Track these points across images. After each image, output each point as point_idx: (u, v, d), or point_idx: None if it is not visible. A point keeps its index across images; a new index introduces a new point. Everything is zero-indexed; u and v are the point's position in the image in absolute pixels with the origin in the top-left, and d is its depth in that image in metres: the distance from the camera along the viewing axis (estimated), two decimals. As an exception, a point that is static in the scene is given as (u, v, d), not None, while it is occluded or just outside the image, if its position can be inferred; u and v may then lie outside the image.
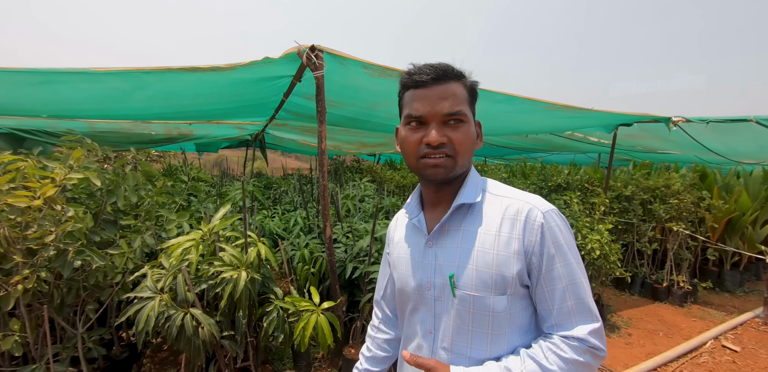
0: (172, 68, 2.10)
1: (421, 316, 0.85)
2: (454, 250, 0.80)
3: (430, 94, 0.76)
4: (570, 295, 0.73)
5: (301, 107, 3.58)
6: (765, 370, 2.90)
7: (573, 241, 0.77)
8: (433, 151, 0.76)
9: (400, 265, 0.91)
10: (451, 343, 0.79)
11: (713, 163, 7.00)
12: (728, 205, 4.42)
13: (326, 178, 2.22)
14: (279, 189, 5.40)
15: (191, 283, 1.67)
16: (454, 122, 0.76)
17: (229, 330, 1.81)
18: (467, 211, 0.82)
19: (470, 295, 0.76)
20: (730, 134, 4.28)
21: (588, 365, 0.71)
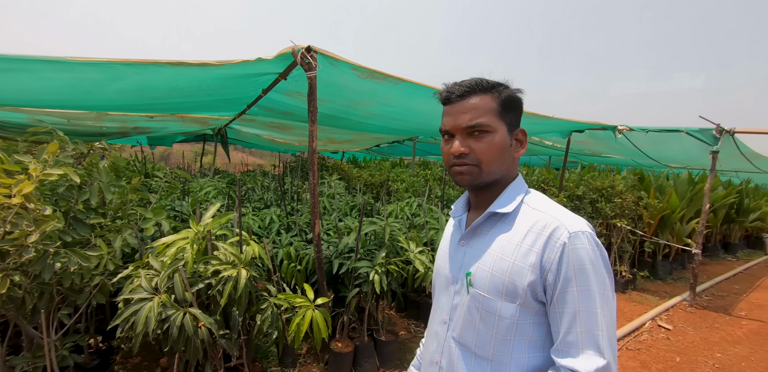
0: (158, 61, 2.01)
1: (442, 305, 0.92)
2: (479, 251, 0.85)
3: (454, 109, 0.82)
4: (581, 323, 0.71)
5: (277, 103, 3.53)
6: (692, 343, 3.38)
7: (602, 269, 0.74)
8: (457, 161, 0.81)
9: (439, 257, 1.00)
10: (460, 335, 0.85)
11: (647, 166, 7.83)
12: (662, 204, 5.01)
13: (317, 178, 2.25)
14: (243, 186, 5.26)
15: (188, 283, 1.65)
16: (477, 133, 0.80)
17: (224, 329, 1.80)
18: (500, 219, 0.85)
19: (481, 294, 0.80)
20: (664, 142, 4.85)
21: None
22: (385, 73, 2.48)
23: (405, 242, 2.51)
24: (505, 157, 0.83)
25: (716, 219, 6.75)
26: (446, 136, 0.85)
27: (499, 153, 0.81)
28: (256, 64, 2.35)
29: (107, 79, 2.32)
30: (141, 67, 2.13)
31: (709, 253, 7.19)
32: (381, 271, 2.28)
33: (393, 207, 3.58)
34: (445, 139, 0.85)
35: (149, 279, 1.64)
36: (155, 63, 2.05)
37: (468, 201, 0.96)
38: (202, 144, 9.09)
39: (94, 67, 2.08)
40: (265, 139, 7.67)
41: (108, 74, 2.26)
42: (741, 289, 5.27)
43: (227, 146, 7.54)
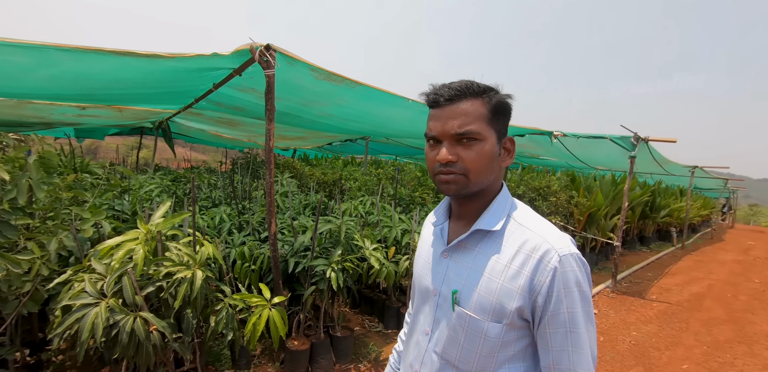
0: (101, 49, 1.88)
1: (425, 315, 0.90)
2: (465, 268, 0.81)
3: (443, 113, 0.76)
4: (571, 343, 0.72)
5: (229, 98, 3.42)
6: (613, 324, 3.83)
7: (586, 289, 0.74)
8: (444, 169, 0.76)
9: (418, 264, 0.96)
10: (443, 350, 0.83)
11: (578, 168, 8.60)
12: (589, 202, 5.56)
13: (273, 176, 2.25)
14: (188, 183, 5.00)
15: (137, 286, 1.58)
16: (466, 141, 0.75)
17: (177, 332, 1.75)
18: (486, 235, 0.81)
19: (467, 314, 0.78)
20: (592, 147, 5.39)
21: None
22: (342, 75, 2.53)
23: (360, 240, 2.58)
24: (494, 166, 0.79)
25: (634, 215, 7.63)
26: (432, 141, 0.79)
27: (488, 162, 0.77)
28: (211, 59, 2.28)
29: (36, 64, 2.12)
30: (80, 54, 1.97)
31: (628, 246, 8.10)
32: (338, 269, 2.33)
33: (347, 205, 3.64)
34: (430, 144, 0.80)
35: (94, 283, 1.56)
36: (98, 51, 1.91)
37: (448, 208, 0.93)
38: (138, 137, 8.45)
39: (22, 50, 1.90)
40: (210, 134, 7.31)
41: (38, 59, 2.06)
42: (653, 276, 6.03)
43: (171, 141, 7.08)
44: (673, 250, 8.69)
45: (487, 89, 0.77)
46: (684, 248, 9.10)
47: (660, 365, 3.09)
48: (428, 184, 5.50)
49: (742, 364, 3.23)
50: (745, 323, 4.22)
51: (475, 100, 0.76)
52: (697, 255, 8.45)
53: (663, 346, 3.44)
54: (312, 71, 2.45)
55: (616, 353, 3.24)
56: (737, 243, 11.27)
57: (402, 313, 3.15)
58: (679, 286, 5.54)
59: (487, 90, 0.77)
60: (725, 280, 6.21)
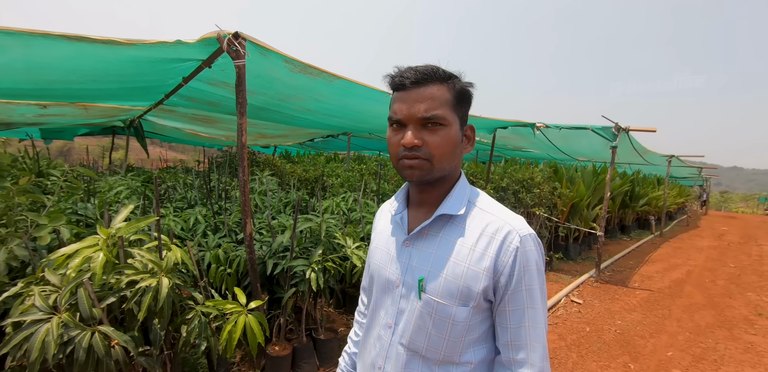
0: (49, 33, 1.70)
1: (386, 308, 0.88)
2: (429, 255, 0.81)
3: (409, 96, 0.75)
4: (528, 319, 0.76)
5: (201, 93, 3.25)
6: (598, 314, 3.86)
7: (542, 267, 0.78)
8: (408, 153, 0.75)
9: (376, 256, 0.94)
10: (409, 340, 0.82)
11: (560, 160, 8.68)
12: (572, 193, 5.60)
13: (247, 173, 2.12)
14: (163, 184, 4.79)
15: (95, 297, 1.45)
16: (432, 125, 0.75)
17: (143, 345, 1.62)
18: (449, 220, 0.82)
19: (435, 300, 0.78)
20: (574, 138, 5.41)
21: None
22: (319, 68, 2.40)
23: (342, 238, 2.48)
24: (456, 153, 0.79)
25: (614, 205, 7.75)
26: (396, 125, 0.78)
27: (452, 148, 0.77)
28: (175, 48, 2.12)
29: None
30: (28, 38, 1.78)
31: (609, 235, 8.24)
32: (318, 269, 2.23)
33: (329, 203, 3.52)
34: (393, 128, 0.78)
35: (45, 297, 1.41)
36: (46, 35, 1.73)
37: (406, 196, 0.92)
38: (111, 138, 8.09)
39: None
40: (187, 132, 7.05)
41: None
42: (634, 264, 6.14)
43: (144, 140, 6.79)
44: (653, 238, 8.90)
45: (451, 75, 0.78)
46: (662, 235, 9.34)
47: (645, 353, 3.11)
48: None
49: (723, 348, 3.29)
50: (724, 308, 4.32)
51: (441, 85, 0.76)
52: (675, 242, 8.68)
53: (647, 334, 3.48)
54: (286, 63, 2.32)
55: (603, 343, 3.25)
56: (711, 229, 11.67)
57: (388, 311, 3.07)
58: (660, 273, 5.65)
59: (451, 76, 0.77)
60: (703, 265, 6.39)
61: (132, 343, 1.44)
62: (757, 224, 13.90)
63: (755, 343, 3.42)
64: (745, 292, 4.97)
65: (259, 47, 2.04)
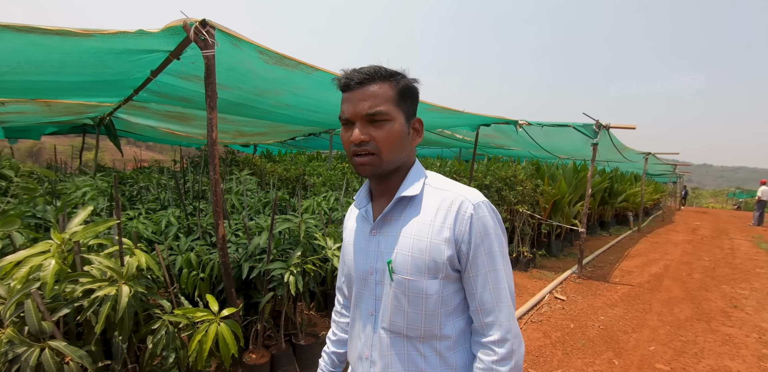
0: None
1: (365, 299, 0.91)
2: (394, 238, 0.85)
3: (354, 96, 0.80)
4: (491, 281, 0.81)
5: (172, 88, 3.08)
6: (582, 310, 3.87)
7: (500, 232, 0.83)
8: (358, 149, 0.80)
9: (348, 253, 0.96)
10: (390, 323, 0.85)
11: (542, 158, 8.77)
12: (554, 190, 5.63)
13: (218, 170, 1.99)
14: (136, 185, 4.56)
15: (46, 310, 1.31)
16: (377, 121, 0.79)
17: (104, 359, 1.49)
18: (408, 203, 0.87)
19: (406, 279, 0.82)
20: (555, 136, 5.44)
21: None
22: (296, 59, 2.29)
23: (322, 239, 2.38)
24: (404, 144, 0.84)
25: (594, 202, 7.88)
26: (346, 123, 0.83)
27: (398, 141, 0.82)
28: (139, 39, 1.97)
29: None
30: None
31: (590, 231, 8.38)
32: (297, 272, 2.12)
33: (309, 202, 3.41)
34: (345, 127, 0.84)
35: (-14, 309, 1.27)
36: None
37: (369, 191, 0.96)
38: (81, 137, 7.73)
39: None
40: (162, 131, 6.78)
41: None
42: (614, 260, 6.24)
43: (117, 139, 6.48)
44: (631, 233, 9.10)
45: (394, 73, 0.82)
46: (640, 231, 9.57)
47: (629, 349, 3.13)
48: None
49: (703, 341, 3.34)
50: (702, 301, 4.42)
51: (383, 84, 0.80)
52: (652, 237, 8.90)
53: (630, 329, 3.50)
54: (261, 54, 2.19)
55: (587, 340, 3.25)
56: (685, 224, 12.04)
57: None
58: (639, 268, 5.76)
59: (394, 74, 0.82)
60: (679, 259, 6.55)
61: (88, 359, 1.30)
62: (727, 219, 14.44)
63: (732, 335, 3.49)
64: (720, 285, 5.10)
65: (231, 37, 1.92)
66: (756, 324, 3.79)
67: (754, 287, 5.09)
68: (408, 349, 0.85)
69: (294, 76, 2.53)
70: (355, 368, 0.96)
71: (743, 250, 7.81)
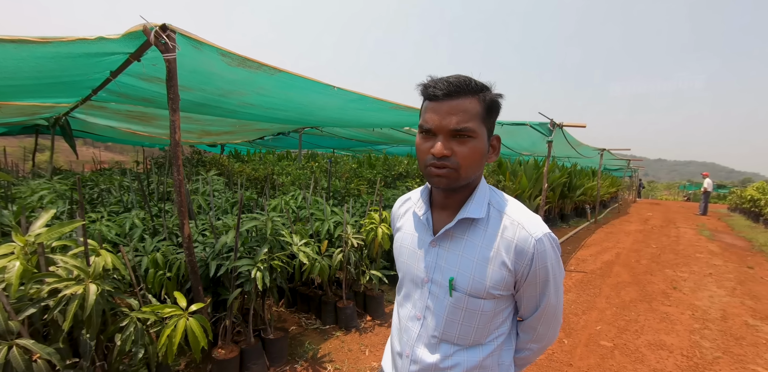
0: None
1: (414, 301, 0.96)
2: (457, 256, 0.88)
3: (441, 108, 0.78)
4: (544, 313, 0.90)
5: (133, 88, 3.05)
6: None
7: (557, 264, 0.87)
8: (437, 162, 0.79)
9: (404, 254, 1.00)
10: (442, 333, 0.90)
11: (506, 154, 9.15)
12: (515, 185, 5.94)
13: (182, 173, 2.05)
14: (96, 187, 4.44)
15: (12, 310, 1.34)
16: (461, 137, 0.79)
17: (71, 357, 1.53)
18: (471, 223, 0.88)
19: (465, 297, 0.86)
20: (515, 134, 5.73)
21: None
22: (259, 61, 2.36)
23: (288, 236, 2.47)
24: (482, 163, 0.85)
25: (554, 195, 8.33)
26: (426, 133, 0.81)
27: (479, 159, 0.82)
28: (98, 44, 1.99)
29: None
30: None
31: (551, 223, 8.84)
32: (264, 268, 2.21)
33: (278, 201, 3.48)
34: (423, 135, 0.82)
35: (-50, 311, 1.29)
36: None
37: (429, 197, 0.97)
38: (34, 138, 7.34)
39: None
40: (123, 131, 6.56)
41: None
42: (571, 249, 6.66)
43: (72, 140, 6.21)
44: (588, 225, 9.67)
45: (483, 87, 0.81)
46: (597, 222, 10.18)
47: (578, 329, 3.42)
48: (364, 175, 5.47)
49: (644, 319, 3.69)
50: (646, 284, 4.83)
51: (473, 98, 0.79)
52: (608, 227, 9.50)
53: (580, 312, 3.81)
54: (223, 56, 2.25)
55: (542, 323, 3.52)
56: (639, 215, 12.89)
57: (340, 307, 3.10)
58: (593, 256, 6.18)
59: (483, 88, 0.81)
60: (630, 247, 7.07)
61: (57, 356, 1.36)
62: (677, 209, 15.56)
63: (669, 313, 3.87)
64: (663, 269, 5.58)
65: (192, 40, 1.97)
66: (691, 302, 4.21)
67: (693, 270, 5.60)
68: (453, 355, 0.90)
69: (257, 77, 2.60)
70: (395, 362, 1.02)
71: (687, 237, 8.49)
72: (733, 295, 4.55)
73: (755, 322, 3.72)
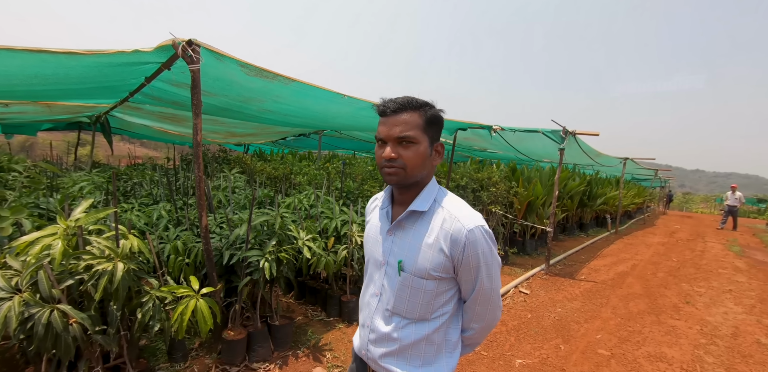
0: (12, 48, 1.84)
1: (374, 281, 1.15)
2: (405, 243, 1.07)
3: (389, 121, 0.98)
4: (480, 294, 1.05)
5: (165, 93, 3.37)
6: (542, 303, 4.19)
7: (489, 251, 1.01)
8: (388, 164, 0.98)
9: (369, 242, 1.20)
10: (393, 306, 1.08)
11: (525, 161, 9.11)
12: (528, 192, 5.96)
13: (202, 169, 2.29)
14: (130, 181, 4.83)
15: (55, 280, 1.60)
16: (405, 143, 0.97)
17: (100, 325, 1.78)
18: (419, 216, 1.06)
19: (411, 276, 1.04)
20: (529, 140, 5.76)
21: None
22: (274, 72, 2.59)
23: (296, 231, 2.68)
24: (426, 164, 1.02)
25: (573, 204, 8.22)
26: (380, 142, 1.01)
27: (421, 161, 1.00)
28: (134, 55, 2.27)
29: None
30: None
31: (568, 232, 8.73)
32: (271, 259, 2.42)
33: (291, 199, 3.70)
34: (379, 144, 1.02)
35: (8, 279, 1.56)
36: (9, 49, 1.86)
37: (391, 195, 1.16)
38: (77, 133, 7.96)
39: None
40: (156, 130, 7.04)
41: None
42: (586, 259, 6.58)
43: (110, 136, 6.73)
44: (608, 235, 9.46)
45: (424, 104, 1.00)
46: (617, 233, 9.94)
47: (577, 336, 3.45)
48: (378, 177, 5.65)
49: (648, 331, 3.67)
50: (658, 296, 4.75)
51: (414, 113, 0.98)
52: (629, 239, 9.26)
53: (583, 320, 3.83)
54: (242, 67, 2.49)
55: (541, 328, 3.57)
56: (665, 227, 12.44)
57: (344, 301, 3.29)
58: (607, 267, 6.10)
59: (423, 105, 1.00)
60: (648, 260, 6.90)
61: (89, 321, 1.60)
62: (709, 223, 14.86)
63: (676, 327, 3.82)
64: (680, 283, 5.44)
65: (214, 53, 2.21)
66: (702, 317, 4.13)
67: (712, 286, 5.43)
68: (404, 326, 1.07)
69: (273, 86, 2.83)
70: (360, 332, 1.21)
71: (714, 252, 8.17)
72: (751, 312, 4.41)
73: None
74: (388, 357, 1.09)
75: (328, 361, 2.71)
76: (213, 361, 2.54)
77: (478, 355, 3.01)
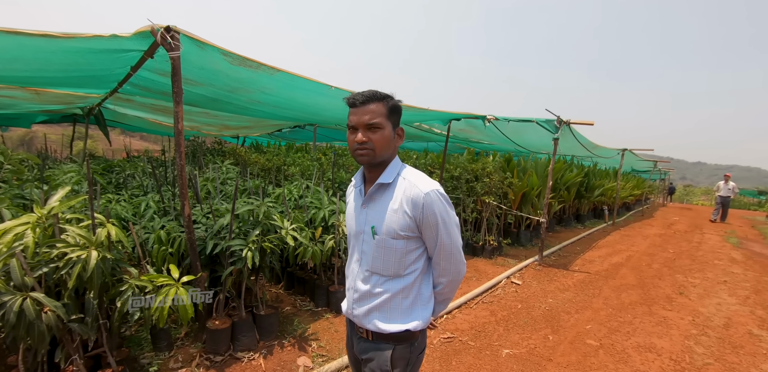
0: None
1: (356, 250, 1.33)
2: (376, 211, 1.25)
3: (359, 111, 1.16)
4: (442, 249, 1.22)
5: (152, 83, 3.32)
6: (533, 293, 4.19)
7: (445, 211, 1.19)
8: (359, 146, 1.17)
9: (349, 217, 1.39)
10: (371, 266, 1.26)
11: (524, 153, 9.06)
12: (522, 183, 5.92)
13: (184, 159, 2.26)
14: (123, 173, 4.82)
15: (28, 268, 1.59)
16: (373, 129, 1.16)
17: (78, 313, 1.77)
18: (386, 188, 1.24)
19: (382, 238, 1.22)
20: (524, 131, 5.71)
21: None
22: (257, 61, 2.54)
23: (280, 220, 2.66)
24: (390, 145, 1.22)
25: (569, 195, 8.18)
26: (352, 129, 1.19)
27: (387, 142, 1.19)
28: (113, 40, 2.22)
29: None
30: None
31: (564, 223, 8.71)
32: (254, 248, 2.41)
33: (281, 190, 3.68)
34: (350, 131, 1.20)
35: (-22, 267, 1.55)
36: None
37: (363, 175, 1.34)
38: (72, 126, 7.93)
39: None
40: (150, 121, 7.00)
41: None
42: (581, 250, 6.57)
43: (106, 128, 6.70)
44: (605, 227, 9.44)
45: (386, 96, 1.19)
46: (615, 224, 9.92)
47: (567, 327, 3.45)
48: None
49: (639, 322, 3.67)
50: (651, 287, 4.74)
51: (379, 103, 1.17)
52: (626, 230, 9.24)
53: (573, 310, 3.83)
54: (224, 56, 2.45)
55: (530, 318, 3.57)
56: (664, 219, 12.40)
57: (331, 291, 3.29)
58: (602, 258, 6.09)
59: (386, 97, 1.19)
60: (644, 251, 6.88)
61: (62, 309, 1.59)
62: (708, 215, 14.77)
63: (668, 318, 3.81)
64: (674, 274, 5.43)
65: (195, 40, 2.17)
66: (694, 308, 4.12)
67: (706, 277, 5.42)
68: (382, 283, 1.25)
69: (259, 76, 2.78)
70: (346, 295, 1.39)
71: (710, 243, 8.15)
72: (745, 304, 4.41)
73: (760, 332, 3.62)
74: (370, 312, 1.26)
75: (313, 350, 2.71)
76: (198, 350, 2.55)
77: (465, 345, 3.01)
